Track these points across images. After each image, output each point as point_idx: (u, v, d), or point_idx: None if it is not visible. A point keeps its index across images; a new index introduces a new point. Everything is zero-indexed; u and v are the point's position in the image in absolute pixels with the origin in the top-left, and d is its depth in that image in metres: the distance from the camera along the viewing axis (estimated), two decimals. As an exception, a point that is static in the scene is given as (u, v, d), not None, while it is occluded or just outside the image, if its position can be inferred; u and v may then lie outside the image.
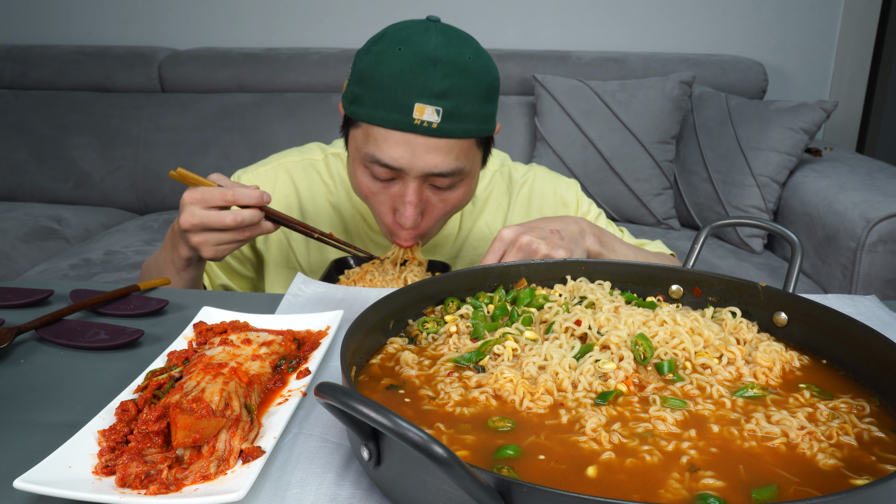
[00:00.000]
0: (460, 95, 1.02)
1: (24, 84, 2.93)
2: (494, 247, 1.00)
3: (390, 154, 1.04)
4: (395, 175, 1.08)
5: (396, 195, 1.10)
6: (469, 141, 1.07)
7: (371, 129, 1.05)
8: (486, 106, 1.07)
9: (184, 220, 1.01)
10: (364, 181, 1.11)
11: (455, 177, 1.08)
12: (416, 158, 1.04)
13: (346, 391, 0.47)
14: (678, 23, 2.92)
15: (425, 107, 1.00)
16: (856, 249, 1.94)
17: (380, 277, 1.11)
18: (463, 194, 1.13)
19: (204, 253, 1.04)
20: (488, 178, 1.35)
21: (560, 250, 0.99)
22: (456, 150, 1.05)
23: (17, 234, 2.42)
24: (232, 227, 1.00)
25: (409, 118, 1.01)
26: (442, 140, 1.03)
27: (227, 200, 1.00)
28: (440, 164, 1.05)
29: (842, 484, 0.54)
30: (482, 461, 0.56)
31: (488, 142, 1.15)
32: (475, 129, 1.06)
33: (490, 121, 1.10)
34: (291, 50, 2.89)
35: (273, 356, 0.75)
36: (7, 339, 0.82)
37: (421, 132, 1.02)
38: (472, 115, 1.05)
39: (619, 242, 1.14)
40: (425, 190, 1.10)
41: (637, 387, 0.68)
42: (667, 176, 2.51)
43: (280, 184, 1.30)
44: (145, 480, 0.56)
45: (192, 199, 1.00)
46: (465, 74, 1.02)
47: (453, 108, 1.02)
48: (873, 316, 0.93)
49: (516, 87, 2.79)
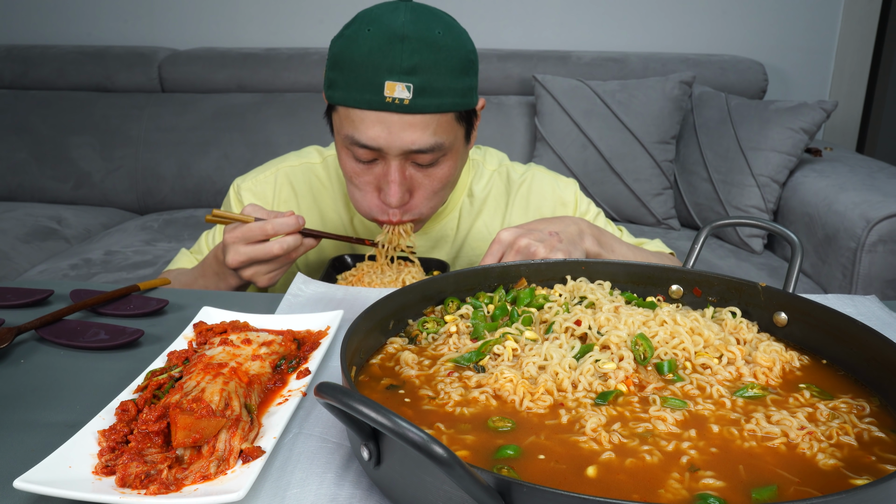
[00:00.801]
0: (430, 70, 1.02)
1: (24, 84, 2.93)
2: (493, 249, 1.00)
3: (367, 134, 1.05)
4: (375, 155, 1.08)
5: (380, 175, 1.10)
6: (447, 116, 1.07)
7: (348, 111, 1.06)
8: (462, 79, 1.07)
9: (230, 260, 1.03)
10: (348, 163, 1.11)
11: (436, 153, 1.08)
12: (393, 137, 1.04)
13: (346, 391, 0.47)
14: (678, 23, 2.92)
15: (395, 84, 1.01)
16: (856, 249, 1.94)
17: (377, 279, 1.11)
18: (449, 170, 1.13)
19: (259, 283, 1.07)
20: (486, 178, 1.35)
21: (558, 253, 0.99)
22: (433, 126, 1.05)
23: (17, 234, 2.42)
24: (279, 256, 1.03)
25: (381, 97, 1.02)
26: (416, 116, 1.04)
27: (268, 234, 1.02)
28: (417, 141, 1.05)
29: (842, 484, 0.54)
30: (482, 461, 0.56)
31: (470, 116, 1.14)
32: (450, 103, 1.06)
33: (468, 94, 1.09)
34: (291, 50, 2.89)
35: (273, 356, 0.75)
36: (7, 339, 0.82)
37: (394, 109, 1.02)
38: (446, 90, 1.05)
39: (618, 242, 1.14)
40: (408, 168, 1.10)
41: (637, 387, 0.68)
42: (667, 176, 2.51)
43: (280, 189, 1.31)
44: (145, 480, 0.56)
45: (234, 238, 1.03)
46: (434, 49, 1.02)
47: (424, 83, 1.02)
48: (873, 316, 0.93)
49: (516, 87, 2.79)
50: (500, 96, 2.79)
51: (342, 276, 1.15)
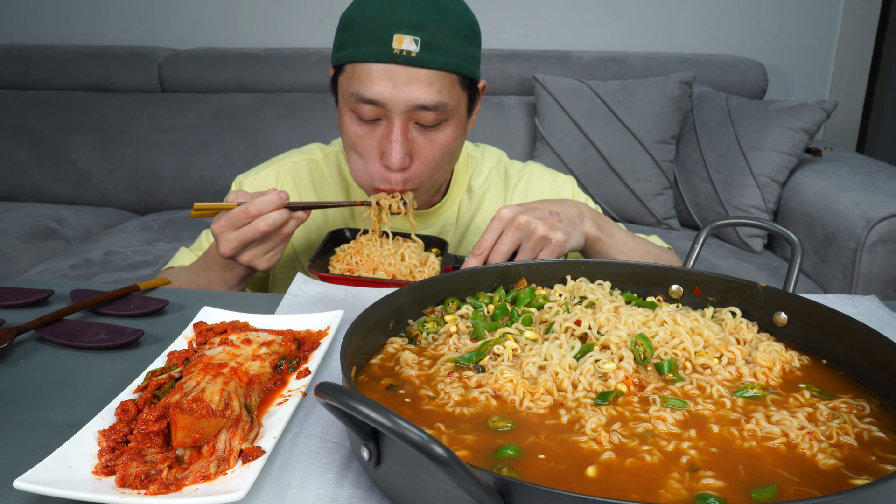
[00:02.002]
0: (438, 28, 1.05)
1: (24, 84, 2.93)
2: (493, 225, 1.00)
3: (373, 89, 1.06)
4: (379, 114, 1.09)
5: (382, 137, 1.11)
6: (451, 77, 1.09)
7: (355, 67, 1.07)
8: (466, 46, 1.09)
9: (223, 249, 1.03)
10: (351, 128, 1.12)
11: (439, 112, 1.09)
12: (399, 91, 1.06)
13: (346, 391, 0.47)
14: (678, 23, 2.92)
15: (404, 37, 1.04)
16: (856, 249, 1.94)
17: (377, 252, 1.10)
18: (451, 137, 1.13)
19: (259, 266, 1.06)
20: (485, 174, 1.36)
21: (558, 232, 1.00)
22: (438, 83, 1.07)
23: (17, 234, 2.41)
24: (268, 232, 1.02)
25: (389, 48, 1.04)
26: (423, 70, 1.06)
27: (252, 215, 1.01)
28: (422, 97, 1.06)
29: (842, 484, 0.54)
30: (482, 461, 0.56)
31: (473, 87, 1.16)
32: (455, 63, 1.08)
33: (472, 62, 1.12)
34: (291, 50, 2.89)
35: (273, 356, 0.75)
36: (7, 339, 0.82)
37: (401, 61, 1.04)
38: (452, 50, 1.07)
39: (617, 229, 1.14)
40: (411, 130, 1.10)
41: (637, 387, 0.68)
42: (667, 176, 2.51)
43: (282, 185, 1.31)
44: (145, 480, 0.56)
45: (221, 227, 1.03)
46: (441, 10, 1.06)
47: (431, 38, 1.05)
48: (873, 316, 0.93)
49: (516, 87, 2.79)
50: (500, 96, 2.79)
51: (341, 248, 1.14)
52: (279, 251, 1.07)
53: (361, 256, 1.09)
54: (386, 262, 1.08)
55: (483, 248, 1.01)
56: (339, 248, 1.15)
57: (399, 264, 1.08)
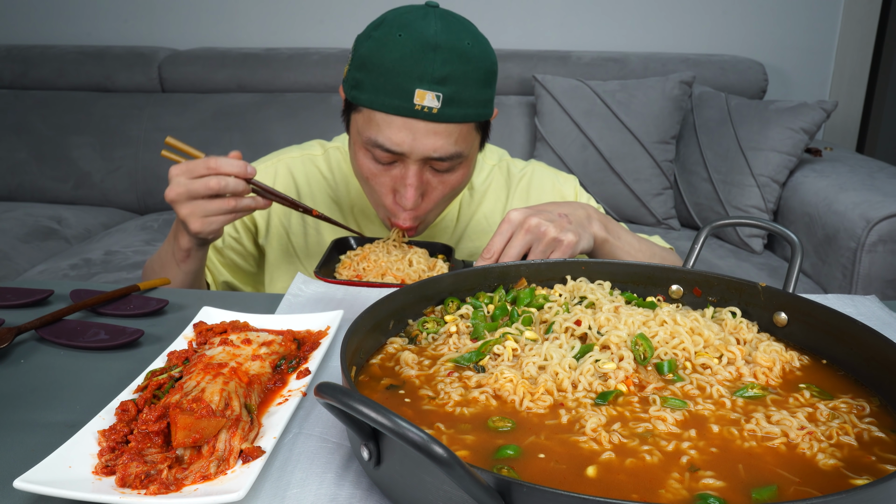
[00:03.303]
0: (460, 81, 1.04)
1: (24, 84, 2.93)
2: (502, 229, 1.00)
3: (391, 139, 1.05)
4: (395, 158, 1.09)
5: (397, 177, 1.11)
6: (468, 125, 1.09)
7: (373, 114, 1.06)
8: (485, 91, 1.09)
9: (169, 191, 1.01)
10: (365, 163, 1.12)
11: (454, 160, 1.10)
12: (417, 143, 1.05)
13: (346, 391, 0.47)
14: (678, 23, 2.92)
15: (426, 92, 1.02)
16: (856, 249, 1.94)
17: (384, 258, 1.10)
18: (462, 177, 1.15)
19: (192, 226, 1.02)
20: (486, 172, 1.36)
21: (569, 234, 0.99)
22: (455, 135, 1.07)
23: (17, 234, 2.41)
24: (217, 192, 1.00)
25: (411, 104, 1.03)
26: (442, 125, 1.05)
27: (210, 168, 0.99)
28: (440, 149, 1.06)
29: (842, 484, 0.54)
30: (482, 461, 0.56)
31: (486, 125, 1.17)
32: (474, 113, 1.08)
33: (488, 105, 1.12)
34: (291, 50, 2.88)
35: (273, 356, 0.75)
36: (7, 339, 0.82)
37: (422, 117, 1.03)
38: (472, 101, 1.06)
39: (623, 231, 1.14)
40: (425, 172, 1.11)
41: (637, 387, 0.68)
42: (667, 176, 2.51)
43: (279, 179, 1.32)
44: (145, 480, 0.56)
45: (178, 171, 1.01)
46: (464, 60, 1.04)
47: (453, 93, 1.03)
48: (873, 316, 0.93)
49: (516, 87, 2.79)
50: (500, 96, 2.78)
51: (347, 255, 1.14)
52: (221, 221, 1.03)
53: (369, 262, 1.09)
54: (394, 268, 1.07)
55: (493, 251, 1.00)
56: (344, 255, 1.15)
57: (407, 269, 1.08)
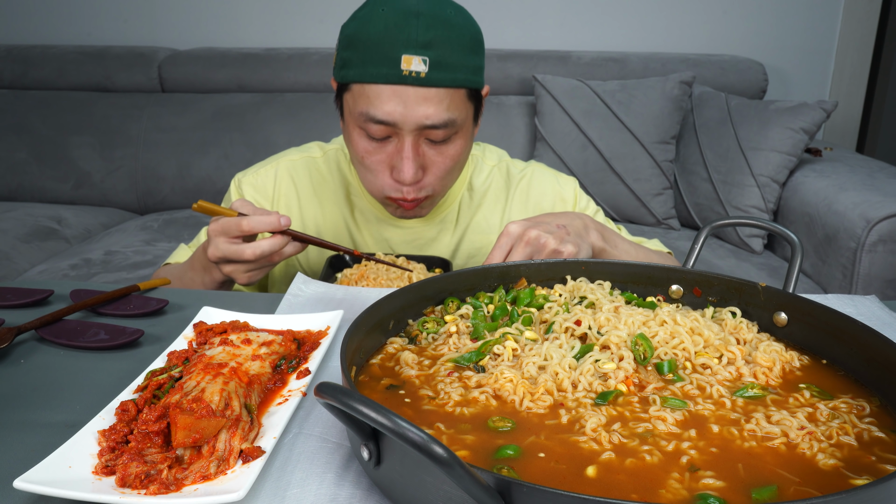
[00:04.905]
0: (445, 45, 1.05)
1: (24, 84, 2.93)
2: (501, 242, 0.99)
3: (383, 109, 1.06)
4: (389, 132, 1.09)
5: (393, 153, 1.11)
6: (459, 92, 1.09)
7: (363, 87, 1.07)
8: (473, 58, 1.09)
9: (210, 253, 1.03)
10: (360, 143, 1.12)
11: (449, 128, 1.09)
12: (409, 111, 1.05)
13: (346, 391, 0.47)
14: (678, 23, 2.92)
15: (412, 57, 1.03)
16: (856, 249, 1.94)
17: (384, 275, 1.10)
18: (460, 148, 1.14)
19: (239, 280, 1.06)
20: (486, 173, 1.36)
21: (568, 245, 0.99)
22: (447, 101, 1.07)
23: (17, 234, 2.41)
24: (252, 260, 1.02)
25: (398, 70, 1.03)
26: (432, 90, 1.05)
27: (244, 231, 1.00)
28: (432, 116, 1.06)
29: (842, 484, 0.54)
30: (482, 461, 0.56)
31: (478, 98, 1.16)
32: (464, 78, 1.08)
33: (478, 73, 1.12)
34: (291, 50, 2.88)
35: (273, 356, 0.75)
36: (7, 339, 0.82)
37: (410, 82, 1.04)
38: (459, 65, 1.07)
39: (620, 239, 1.14)
40: (421, 145, 1.11)
41: (637, 387, 0.68)
42: (667, 176, 2.51)
43: (280, 182, 1.31)
44: (145, 480, 0.56)
45: (215, 231, 1.02)
46: (447, 26, 1.05)
47: (439, 57, 1.04)
48: (873, 316, 0.93)
49: (516, 87, 2.79)
50: (500, 96, 2.79)
51: (343, 273, 1.14)
52: (262, 272, 1.06)
53: (368, 281, 1.09)
54: (395, 285, 1.07)
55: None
56: (340, 273, 1.13)
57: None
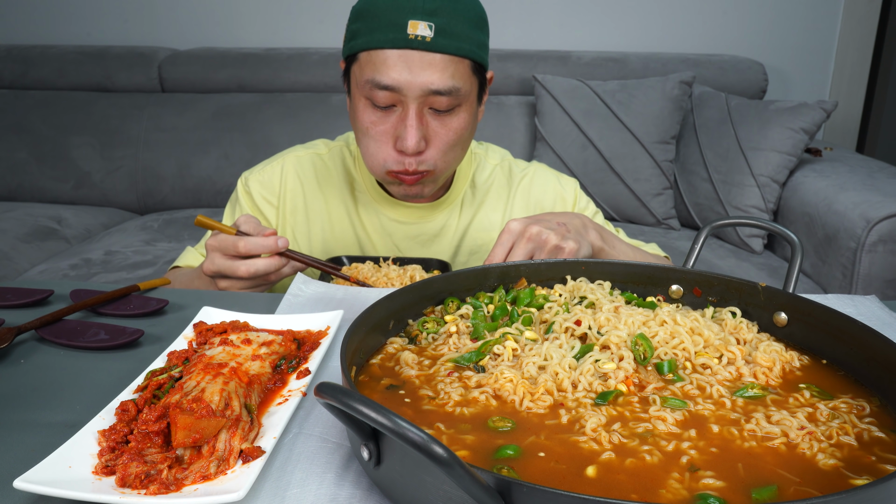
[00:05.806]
0: (451, 14, 1.07)
1: (24, 84, 2.93)
2: (503, 239, 1.00)
3: (389, 74, 1.07)
4: (394, 100, 1.10)
5: (397, 122, 1.12)
6: (464, 63, 1.10)
7: (370, 54, 1.09)
8: (477, 33, 1.11)
9: (206, 267, 1.05)
10: (364, 114, 1.13)
11: (452, 96, 1.10)
12: (414, 75, 1.07)
13: (346, 391, 0.47)
14: (678, 23, 2.92)
15: (418, 22, 1.05)
16: (856, 249, 1.94)
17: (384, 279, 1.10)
18: (464, 122, 1.15)
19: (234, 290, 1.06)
20: (489, 171, 1.36)
21: (570, 241, 1.00)
22: (451, 69, 1.08)
23: (17, 234, 2.41)
24: (246, 278, 1.03)
25: (404, 34, 1.05)
26: (437, 55, 1.07)
27: (241, 253, 1.02)
28: (437, 81, 1.07)
29: (842, 484, 0.54)
30: (482, 461, 0.56)
31: (483, 76, 1.18)
32: (468, 49, 1.10)
33: (483, 49, 1.13)
34: (291, 50, 2.88)
35: (273, 356, 0.75)
36: (7, 339, 0.82)
37: (416, 46, 1.06)
38: (464, 36, 1.09)
39: (618, 240, 1.15)
40: (425, 115, 1.11)
41: (637, 387, 0.68)
42: (667, 176, 2.51)
43: (286, 178, 1.32)
44: (145, 480, 0.56)
45: (212, 246, 1.04)
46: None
47: (445, 24, 1.06)
48: (873, 316, 0.93)
49: (516, 87, 2.79)
50: (500, 96, 2.79)
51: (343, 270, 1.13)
52: (260, 290, 1.08)
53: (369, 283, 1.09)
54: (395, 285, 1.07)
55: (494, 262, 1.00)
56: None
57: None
